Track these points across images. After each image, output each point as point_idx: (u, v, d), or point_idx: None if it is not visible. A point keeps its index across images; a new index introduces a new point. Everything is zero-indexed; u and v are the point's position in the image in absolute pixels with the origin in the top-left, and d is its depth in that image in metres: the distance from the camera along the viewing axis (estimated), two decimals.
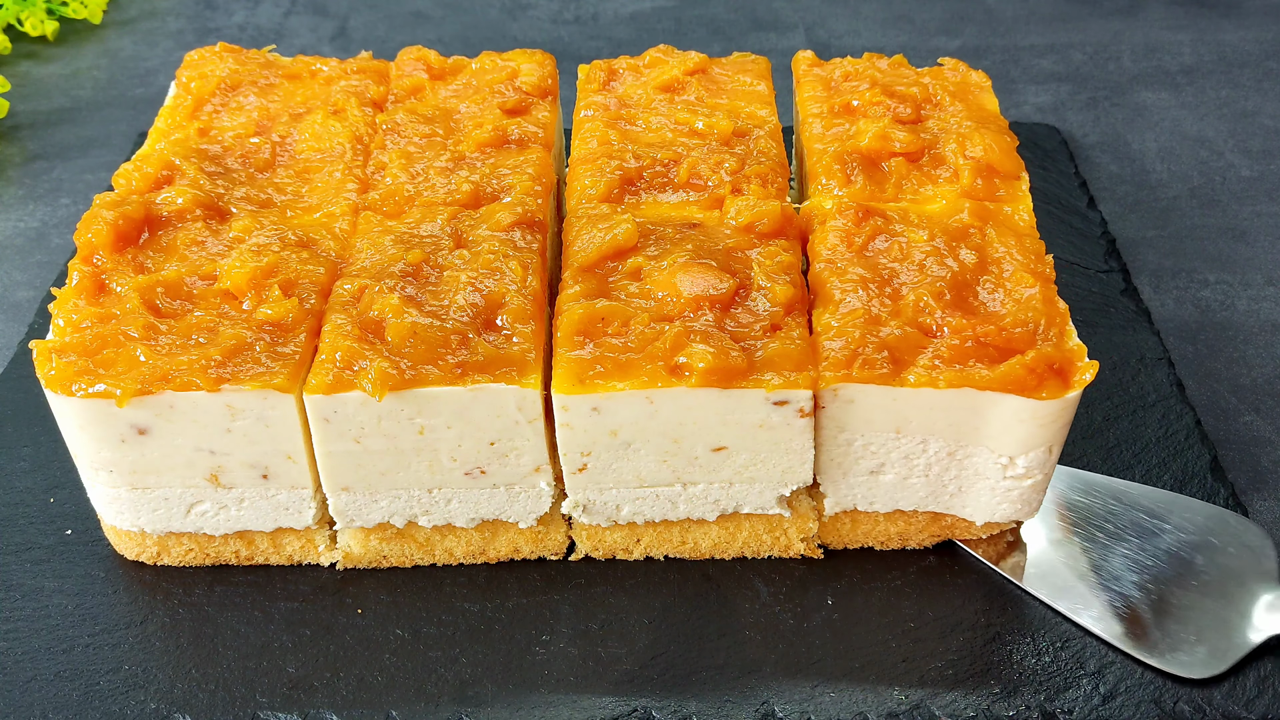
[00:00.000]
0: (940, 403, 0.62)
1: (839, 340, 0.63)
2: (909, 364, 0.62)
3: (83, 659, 0.65)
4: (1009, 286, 0.65)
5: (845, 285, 0.66)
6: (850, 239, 0.68)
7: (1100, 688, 0.63)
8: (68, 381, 0.62)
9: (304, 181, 0.77)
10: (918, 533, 0.70)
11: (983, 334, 0.62)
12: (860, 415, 0.64)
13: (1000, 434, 0.63)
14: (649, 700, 0.63)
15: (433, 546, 0.71)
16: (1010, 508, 0.67)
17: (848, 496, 0.68)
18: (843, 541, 0.71)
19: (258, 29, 1.30)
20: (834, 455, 0.66)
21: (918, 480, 0.67)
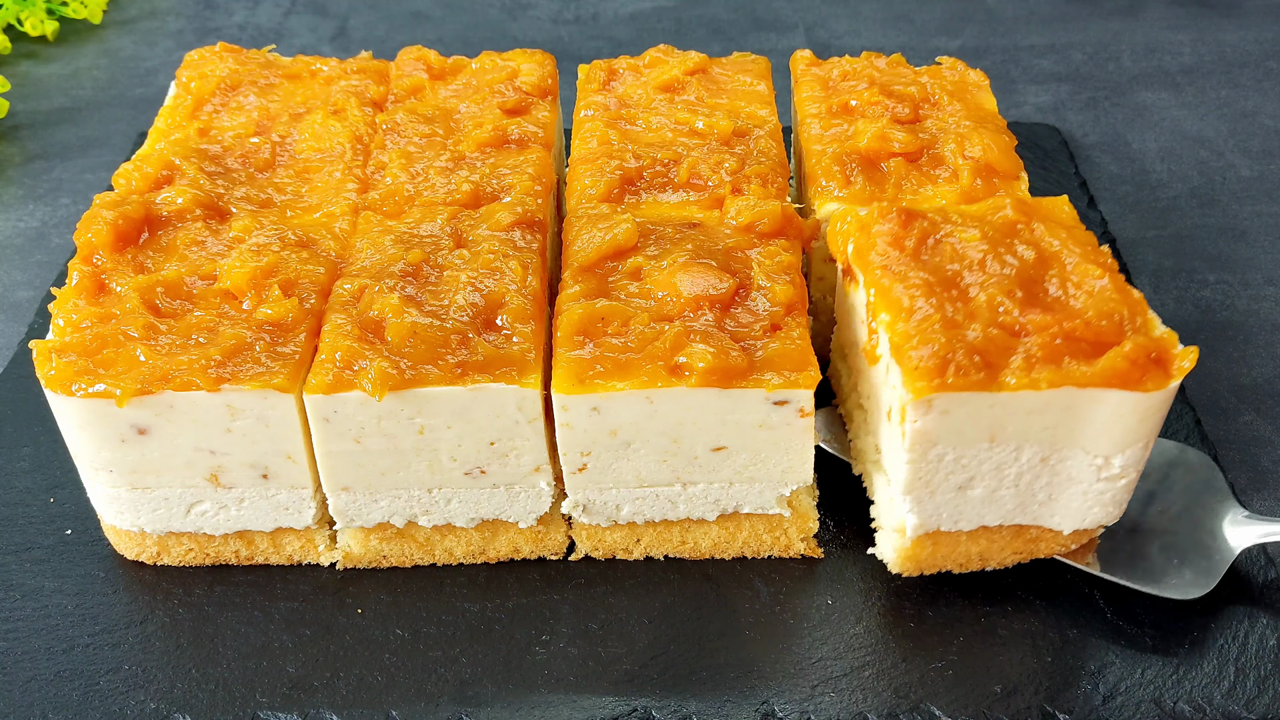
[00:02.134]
0: (1038, 405, 0.59)
1: (926, 348, 0.58)
2: (1001, 367, 0.58)
3: (83, 659, 0.65)
4: (1076, 280, 0.61)
5: (911, 291, 0.61)
6: (900, 242, 0.64)
7: (1100, 688, 0.63)
8: (68, 381, 0.62)
9: (304, 181, 0.77)
10: (999, 551, 0.67)
11: (1071, 329, 0.58)
12: (953, 427, 0.60)
13: (1098, 433, 0.60)
14: (649, 700, 0.63)
15: (433, 546, 0.71)
16: (1101, 511, 0.65)
17: (933, 517, 0.64)
18: (919, 568, 0.67)
19: (258, 29, 1.30)
20: (922, 473, 0.62)
21: (1007, 492, 0.63)
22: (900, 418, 0.60)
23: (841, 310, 0.72)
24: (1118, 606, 0.67)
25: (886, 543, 0.67)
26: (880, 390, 0.65)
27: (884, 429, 0.65)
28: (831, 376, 0.77)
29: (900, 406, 0.60)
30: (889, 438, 0.64)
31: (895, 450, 0.63)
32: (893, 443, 0.63)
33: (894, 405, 0.62)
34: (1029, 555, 0.68)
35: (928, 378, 0.58)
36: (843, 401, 0.75)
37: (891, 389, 0.62)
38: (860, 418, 0.71)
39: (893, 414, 0.62)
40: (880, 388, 0.65)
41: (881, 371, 0.64)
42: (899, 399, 0.60)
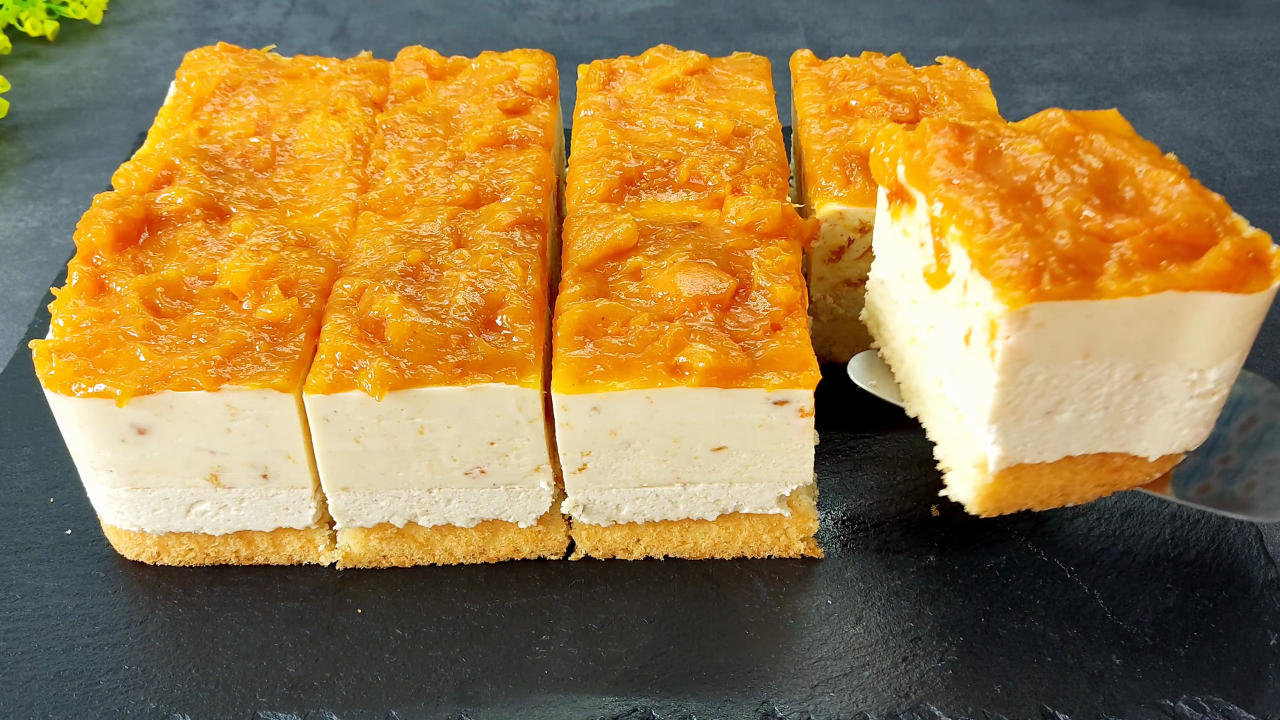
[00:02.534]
0: (1137, 314, 0.55)
1: (1015, 256, 0.54)
2: (1096, 274, 0.54)
3: (82, 659, 0.65)
4: (1150, 186, 0.58)
5: (985, 202, 0.57)
6: (959, 156, 0.60)
7: (1100, 688, 0.63)
8: (67, 381, 0.62)
9: (304, 181, 0.77)
10: (1082, 484, 0.63)
11: (1162, 232, 0.55)
12: (1047, 342, 0.56)
13: (1195, 343, 0.57)
14: (649, 700, 0.63)
15: (433, 546, 0.71)
16: (1190, 433, 0.61)
17: (1017, 448, 0.60)
18: (999, 506, 0.63)
19: (258, 29, 1.30)
20: (1010, 397, 0.57)
21: (1096, 415, 0.59)
22: (989, 335, 0.56)
23: (884, 241, 0.68)
24: (1118, 606, 0.67)
25: (962, 482, 0.63)
26: (951, 314, 0.60)
27: (958, 356, 0.60)
28: (868, 319, 0.73)
29: (988, 324, 0.55)
30: (966, 364, 0.60)
31: (978, 375, 0.58)
32: (973, 368, 0.59)
33: (976, 325, 0.57)
34: (1111, 487, 0.64)
35: (1022, 286, 0.53)
36: (887, 342, 0.71)
37: (973, 307, 0.57)
38: (915, 354, 0.67)
39: (974, 336, 0.58)
40: (951, 311, 0.60)
41: (953, 293, 0.59)
42: (985, 316, 0.56)
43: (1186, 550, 0.70)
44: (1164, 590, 0.68)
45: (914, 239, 0.63)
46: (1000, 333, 0.55)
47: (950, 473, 0.65)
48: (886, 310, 0.70)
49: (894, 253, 0.67)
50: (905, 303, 0.67)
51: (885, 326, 0.71)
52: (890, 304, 0.69)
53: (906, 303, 0.67)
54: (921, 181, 0.61)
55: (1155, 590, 0.68)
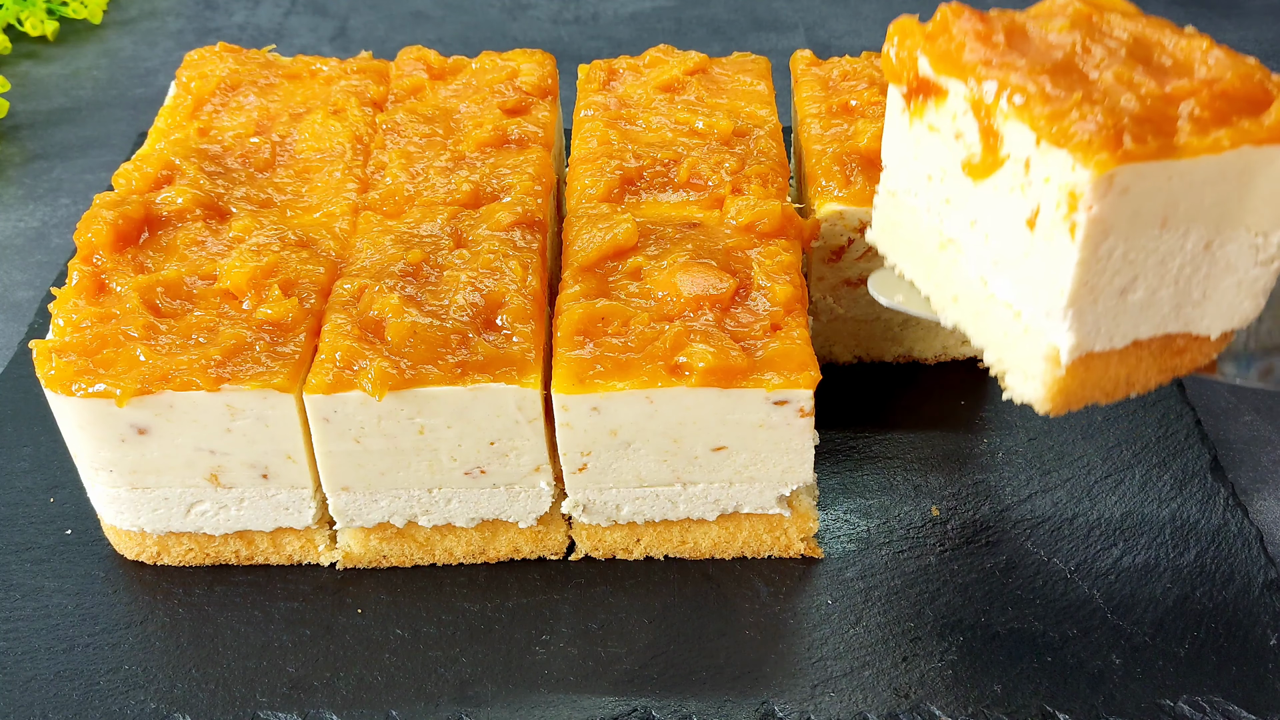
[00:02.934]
0: (1214, 173, 0.53)
1: (1089, 120, 0.52)
2: (1171, 133, 0.52)
3: (82, 659, 0.65)
4: (1184, 53, 0.56)
5: (1036, 77, 0.55)
6: (989, 38, 0.58)
7: (1100, 688, 0.63)
8: (68, 381, 0.62)
9: (304, 181, 0.77)
10: (1145, 371, 0.60)
11: (1222, 90, 0.53)
12: (1128, 209, 0.53)
13: (1262, 205, 0.56)
14: (649, 700, 0.63)
15: (433, 546, 0.71)
16: (1250, 304, 0.60)
17: (1090, 334, 0.57)
18: (1068, 402, 0.60)
19: (258, 29, 1.30)
20: (1090, 276, 0.55)
21: (1166, 291, 0.57)
22: (1067, 209, 0.53)
23: (899, 148, 0.65)
24: (1117, 606, 0.67)
25: (1028, 381, 0.60)
26: (1005, 202, 0.57)
27: (1018, 245, 0.58)
28: (878, 237, 0.70)
29: (1065, 197, 0.53)
30: (1032, 251, 0.57)
31: (1050, 259, 0.55)
32: (1042, 253, 0.56)
33: (1046, 204, 0.54)
34: (1172, 373, 0.62)
35: (1106, 149, 0.51)
36: (907, 257, 0.68)
37: (1041, 185, 0.54)
38: (949, 259, 0.64)
39: (1043, 216, 0.55)
40: (1005, 199, 0.57)
41: (1009, 177, 0.57)
42: (1061, 190, 0.53)
43: (1186, 550, 0.70)
44: (1164, 590, 0.68)
45: (946, 133, 0.60)
46: (1083, 203, 0.52)
47: (1009, 374, 0.61)
48: (903, 222, 0.67)
49: (914, 156, 0.64)
50: (933, 206, 0.63)
51: (904, 240, 0.67)
52: (908, 215, 0.66)
53: (936, 206, 0.63)
54: (954, 68, 0.58)
55: (1155, 590, 0.68)
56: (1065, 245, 0.54)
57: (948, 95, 0.59)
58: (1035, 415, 0.79)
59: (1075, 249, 0.53)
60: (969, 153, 0.59)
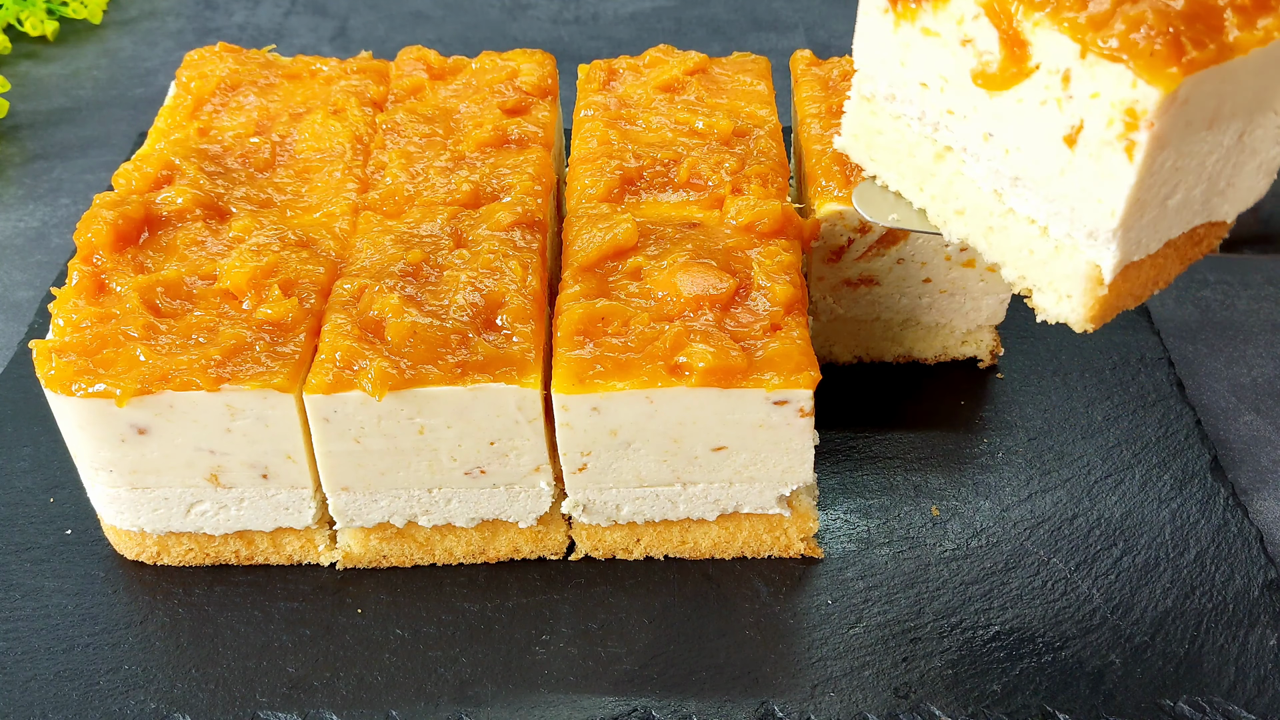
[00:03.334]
0: (1260, 65, 0.51)
1: (1142, 28, 0.48)
2: (1220, 30, 0.50)
3: (82, 659, 0.65)
4: None
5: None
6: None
7: (1099, 688, 0.63)
8: (67, 381, 0.62)
9: (304, 181, 0.77)
10: (1169, 267, 0.59)
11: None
12: (1184, 119, 0.51)
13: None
14: (649, 700, 0.63)
15: (433, 546, 0.71)
16: (1264, 182, 0.58)
17: (1133, 247, 0.55)
18: (1105, 316, 0.58)
19: (258, 29, 1.30)
20: (1143, 192, 0.52)
21: (1200, 189, 0.55)
22: (1123, 127, 0.49)
23: (882, 51, 0.60)
24: (1117, 606, 0.67)
25: (1063, 300, 0.57)
26: (1035, 115, 0.53)
27: (1052, 162, 0.54)
28: (851, 146, 0.67)
29: (1121, 114, 0.49)
30: (1072, 168, 0.53)
31: (1096, 177, 0.52)
32: (1086, 171, 0.52)
33: (1094, 121, 0.51)
34: (1189, 262, 0.60)
35: (1173, 62, 0.47)
36: (892, 166, 0.64)
37: (1087, 100, 0.51)
38: (950, 170, 0.60)
39: (1089, 134, 0.51)
40: (1034, 112, 0.53)
41: (1040, 89, 0.52)
42: (1116, 107, 0.49)
43: (1186, 550, 0.70)
44: (1164, 590, 0.68)
45: (949, 38, 0.56)
46: (1144, 121, 0.48)
47: (1039, 294, 0.58)
48: (886, 130, 0.63)
49: (901, 61, 0.60)
50: (929, 116, 0.60)
51: (888, 149, 0.64)
52: (891, 123, 0.62)
53: (934, 115, 0.59)
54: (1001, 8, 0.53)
55: (1155, 590, 0.68)
56: (1119, 165, 0.50)
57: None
58: (1035, 415, 0.79)
59: (1133, 170, 0.50)
60: (982, 62, 0.55)
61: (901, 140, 0.62)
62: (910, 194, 0.64)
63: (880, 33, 0.60)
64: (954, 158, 0.60)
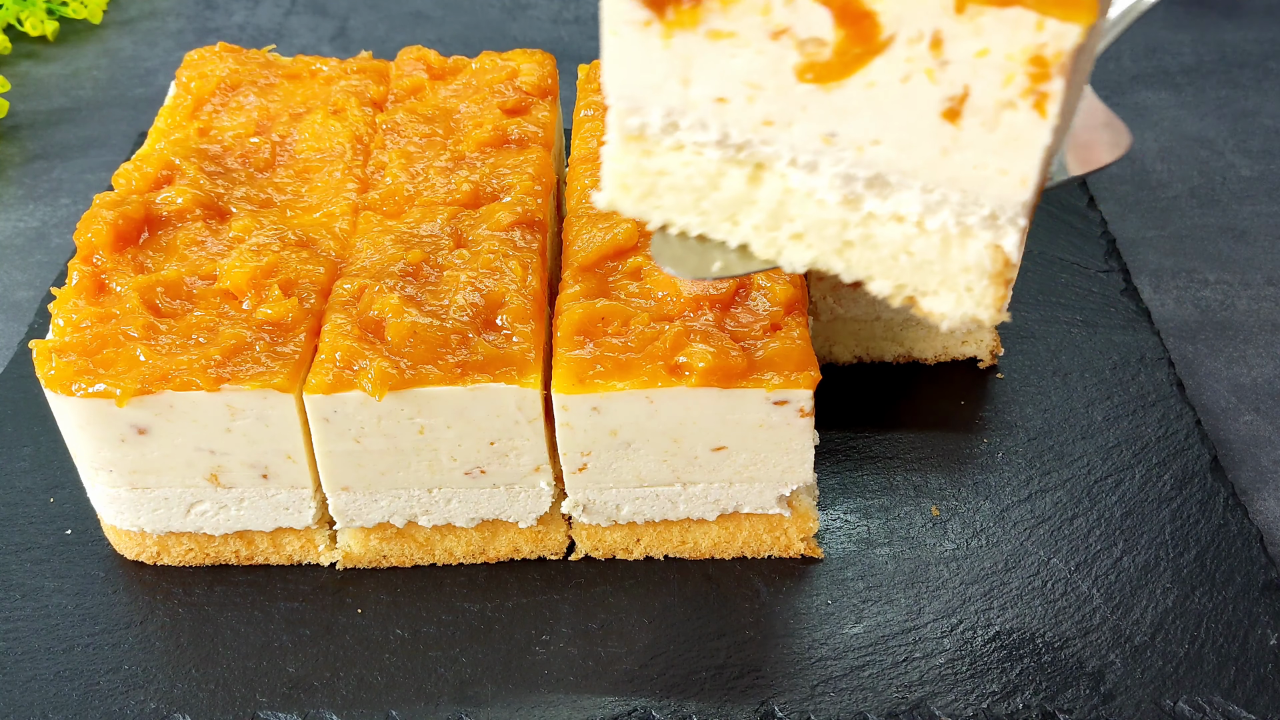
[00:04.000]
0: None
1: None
2: None
3: (82, 659, 0.65)
4: None
5: None
6: None
7: (1100, 688, 0.63)
8: (67, 381, 0.62)
9: (304, 181, 0.77)
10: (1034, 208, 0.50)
11: None
12: (1085, 50, 0.43)
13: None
14: (649, 700, 0.63)
15: (433, 546, 0.71)
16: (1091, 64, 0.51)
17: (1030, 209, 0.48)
18: (1008, 297, 0.52)
19: (258, 29, 1.30)
20: (1054, 142, 0.45)
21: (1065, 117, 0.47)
22: (1030, 80, 0.42)
23: (652, 73, 0.49)
24: (1117, 606, 0.67)
25: (966, 298, 0.50)
26: (894, 97, 0.45)
27: (928, 144, 0.46)
28: (618, 196, 0.55)
29: (1027, 65, 0.42)
30: (956, 147, 0.46)
31: (999, 148, 0.44)
32: (982, 146, 0.45)
33: (985, 84, 0.43)
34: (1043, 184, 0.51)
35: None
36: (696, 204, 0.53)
37: (970, 62, 0.43)
38: (773, 190, 0.51)
39: (974, 103, 0.43)
40: (892, 92, 0.45)
41: (897, 65, 0.44)
42: (1018, 60, 0.42)
43: (1186, 550, 0.70)
44: (1164, 590, 0.68)
45: (752, 36, 0.46)
46: (1058, 66, 0.41)
47: (930, 299, 0.51)
48: (674, 168, 0.52)
49: (684, 79, 0.49)
50: (737, 136, 0.49)
51: (679, 190, 0.53)
52: (676, 158, 0.52)
53: (742, 134, 0.49)
54: None
55: (1155, 590, 0.68)
56: (1028, 125, 0.43)
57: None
58: (1035, 416, 0.79)
59: (1047, 127, 0.43)
60: (808, 52, 0.45)
61: (697, 174, 0.52)
62: (722, 233, 0.53)
63: (644, 52, 0.48)
64: (776, 175, 0.50)
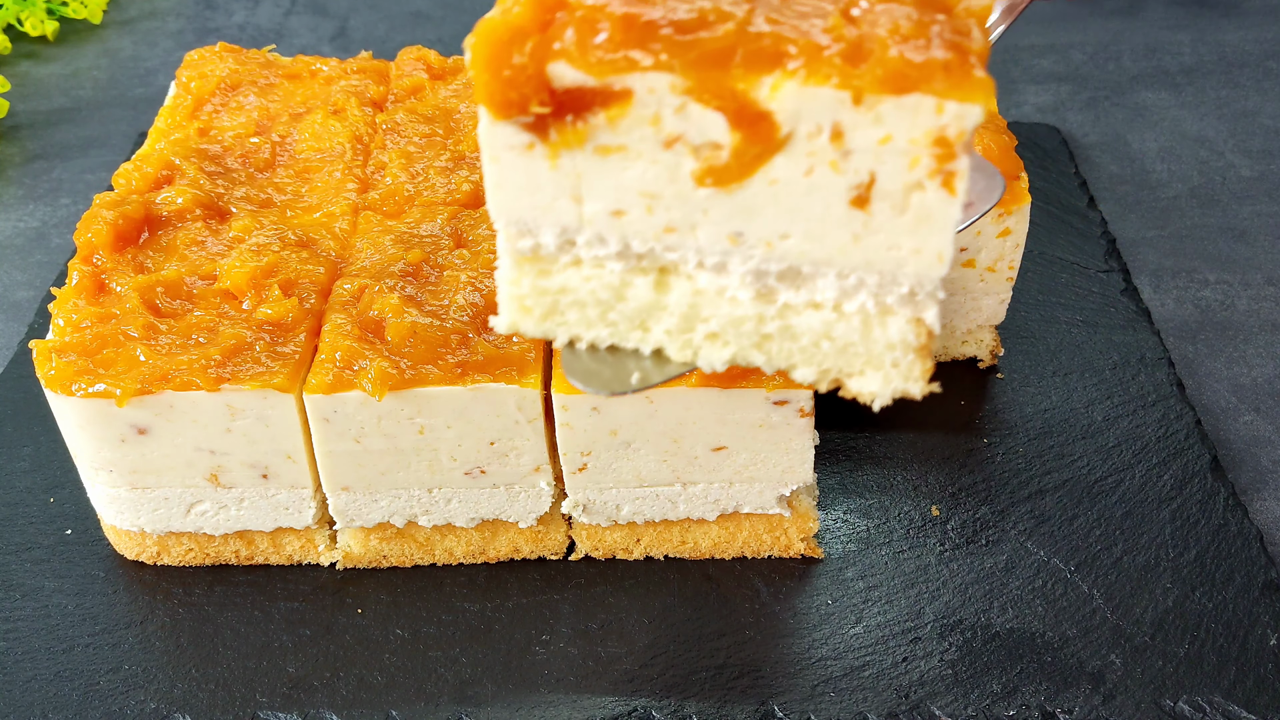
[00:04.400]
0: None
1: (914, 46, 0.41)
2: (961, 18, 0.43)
3: (82, 659, 0.65)
4: None
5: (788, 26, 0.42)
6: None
7: (1100, 688, 0.63)
8: (68, 381, 0.62)
9: (304, 181, 0.77)
10: None
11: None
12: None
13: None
14: (649, 700, 0.63)
15: (433, 546, 0.71)
16: None
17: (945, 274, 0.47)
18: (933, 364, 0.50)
19: (258, 29, 1.30)
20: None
21: None
22: (936, 161, 0.41)
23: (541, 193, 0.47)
24: (1117, 606, 0.67)
25: (897, 372, 0.49)
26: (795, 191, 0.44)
27: (843, 232, 0.45)
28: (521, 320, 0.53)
29: (932, 146, 0.41)
30: (871, 231, 0.45)
31: (912, 229, 0.44)
32: (894, 229, 0.44)
33: (890, 169, 0.43)
34: None
35: (968, 65, 0.40)
36: (602, 317, 0.52)
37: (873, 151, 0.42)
38: (683, 294, 0.49)
39: (882, 188, 0.43)
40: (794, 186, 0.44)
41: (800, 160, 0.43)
42: (920, 143, 0.41)
43: (1186, 550, 0.70)
44: (1164, 590, 0.68)
45: (643, 148, 0.44)
46: (962, 144, 0.41)
47: (855, 380, 0.50)
48: (576, 286, 0.50)
49: (577, 195, 0.47)
50: (638, 246, 0.48)
51: (583, 305, 0.51)
52: (576, 273, 0.50)
53: (644, 243, 0.47)
54: (628, 60, 0.41)
55: (1155, 590, 0.68)
56: (938, 204, 0.43)
57: (632, 99, 0.43)
58: (1035, 416, 0.79)
59: (957, 203, 0.42)
60: (705, 157, 0.44)
61: (600, 288, 0.50)
62: (634, 342, 0.51)
63: (529, 175, 0.47)
64: (684, 279, 0.49)
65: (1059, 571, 0.69)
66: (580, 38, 0.41)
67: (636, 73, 0.42)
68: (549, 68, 0.42)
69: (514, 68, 0.42)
